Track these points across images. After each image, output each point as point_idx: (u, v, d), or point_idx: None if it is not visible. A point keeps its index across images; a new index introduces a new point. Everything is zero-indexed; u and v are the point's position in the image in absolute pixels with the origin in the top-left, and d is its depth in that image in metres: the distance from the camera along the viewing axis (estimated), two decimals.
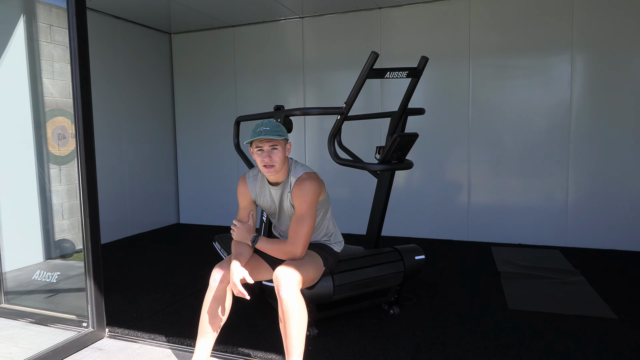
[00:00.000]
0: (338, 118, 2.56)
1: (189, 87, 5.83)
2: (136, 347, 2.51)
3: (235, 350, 2.39)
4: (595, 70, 4.27)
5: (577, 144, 4.37)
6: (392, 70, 2.51)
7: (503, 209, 4.66)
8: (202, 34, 5.68)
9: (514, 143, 4.56)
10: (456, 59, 4.66)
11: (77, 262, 2.87)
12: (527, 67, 4.46)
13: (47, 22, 3.92)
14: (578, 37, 4.28)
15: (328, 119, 5.11)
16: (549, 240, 4.52)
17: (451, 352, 2.33)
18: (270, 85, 5.43)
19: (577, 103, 4.34)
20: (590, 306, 2.90)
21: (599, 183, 4.33)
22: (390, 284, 2.77)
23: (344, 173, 5.03)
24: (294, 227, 2.13)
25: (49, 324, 2.77)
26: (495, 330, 2.59)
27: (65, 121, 3.70)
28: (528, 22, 4.41)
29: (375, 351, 2.36)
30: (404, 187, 4.97)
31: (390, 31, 4.86)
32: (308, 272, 2.11)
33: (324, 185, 2.25)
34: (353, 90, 2.45)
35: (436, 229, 4.90)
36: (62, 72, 3.93)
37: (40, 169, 3.53)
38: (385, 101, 4.92)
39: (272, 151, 2.10)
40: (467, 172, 4.74)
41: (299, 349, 1.98)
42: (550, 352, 2.32)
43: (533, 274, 3.56)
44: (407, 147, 2.53)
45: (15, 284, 3.15)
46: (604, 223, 4.35)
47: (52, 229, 3.67)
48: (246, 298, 2.02)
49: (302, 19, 5.19)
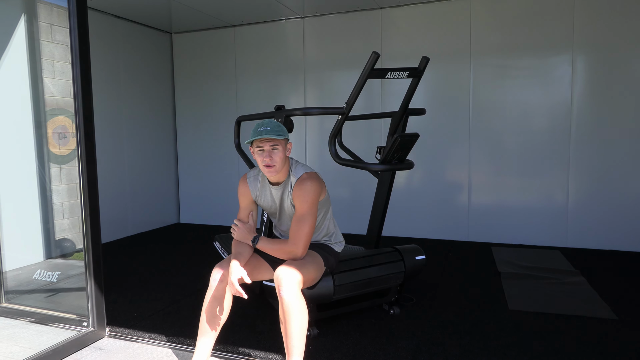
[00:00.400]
0: (339, 118, 2.56)
1: (190, 87, 5.83)
2: (136, 347, 2.51)
3: (236, 350, 2.39)
4: (596, 70, 4.27)
5: (577, 144, 4.36)
6: (393, 71, 2.51)
7: (503, 210, 4.65)
8: (203, 34, 5.69)
9: (514, 143, 4.56)
10: (457, 59, 4.66)
11: (78, 262, 2.87)
12: (527, 67, 4.46)
13: (48, 21, 3.92)
14: (579, 38, 4.28)
15: (329, 119, 5.11)
16: (550, 241, 4.52)
17: (451, 353, 2.33)
18: (271, 85, 5.43)
19: (578, 103, 4.34)
20: (590, 307, 2.90)
21: (600, 183, 4.33)
22: (391, 284, 2.77)
23: (345, 173, 5.03)
24: (294, 227, 2.12)
25: (50, 324, 2.77)
26: (496, 330, 2.59)
27: (66, 121, 3.70)
28: (529, 23, 4.41)
29: (375, 351, 2.36)
30: (405, 187, 4.97)
31: (391, 31, 4.86)
32: (309, 272, 2.11)
33: (325, 185, 2.25)
34: (354, 90, 2.45)
35: (436, 229, 4.90)
36: (63, 72, 3.93)
37: (41, 168, 3.53)
38: (386, 101, 4.92)
39: (273, 151, 2.10)
40: (467, 172, 4.74)
41: (300, 348, 1.98)
42: (551, 352, 2.32)
43: (533, 274, 3.55)
44: (408, 147, 2.53)
45: (16, 283, 3.15)
46: (604, 223, 4.35)
47: (52, 229, 3.67)
48: (243, 297, 2.03)
49: (303, 19, 5.19)
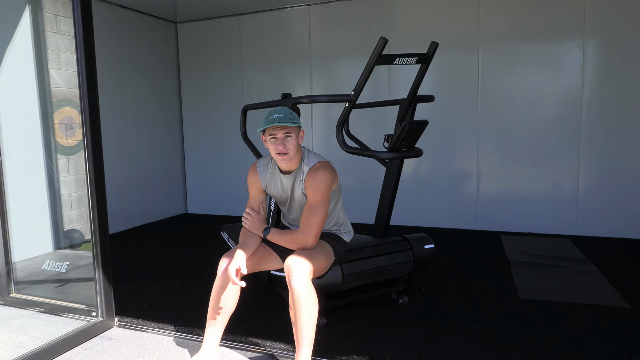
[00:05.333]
0: (346, 106, 2.52)
1: (195, 76, 5.80)
2: (145, 337, 2.52)
3: (245, 339, 2.39)
4: (607, 56, 4.18)
5: (588, 131, 4.30)
6: (402, 56, 2.46)
7: (513, 198, 4.61)
8: (208, 23, 5.64)
9: (523, 130, 4.50)
10: (465, 45, 4.58)
11: (86, 252, 2.88)
12: (537, 53, 4.37)
13: (52, 12, 3.90)
14: (590, 22, 4.19)
15: (335, 108, 5.07)
16: (560, 229, 4.47)
17: (461, 342, 2.31)
18: (277, 73, 5.38)
19: (589, 90, 4.26)
20: (602, 295, 2.87)
21: (610, 171, 4.27)
22: (400, 273, 2.75)
23: (352, 162, 4.99)
24: (306, 216, 2.11)
25: (59, 314, 2.79)
26: (506, 319, 2.57)
27: (72, 112, 3.69)
28: (538, 7, 4.32)
29: (384, 340, 2.35)
30: (413, 175, 4.93)
31: (398, 18, 4.78)
32: (319, 262, 2.10)
33: (337, 174, 2.23)
34: (361, 77, 2.41)
35: (445, 218, 4.86)
36: (69, 63, 3.91)
37: (49, 159, 3.53)
38: (393, 90, 4.86)
39: (286, 139, 2.08)
40: (476, 160, 4.69)
41: (309, 338, 1.97)
42: (562, 341, 2.30)
43: (543, 262, 3.52)
44: (416, 134, 2.49)
45: (25, 273, 3.17)
46: (615, 211, 4.29)
47: (61, 219, 3.69)
48: (241, 286, 2.04)
49: (308, 7, 5.12)
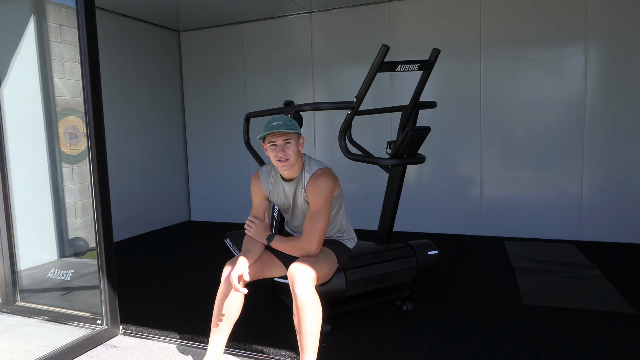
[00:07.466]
0: (349, 113, 2.53)
1: (198, 85, 5.83)
2: (150, 344, 2.52)
3: (249, 346, 2.39)
4: (610, 60, 4.18)
5: (591, 136, 4.29)
6: (404, 63, 2.48)
7: (516, 203, 4.60)
8: (211, 31, 5.68)
9: (526, 136, 4.50)
10: (467, 51, 4.60)
11: (91, 260, 2.89)
12: (539, 58, 4.38)
13: (57, 22, 3.93)
14: (592, 27, 4.19)
15: (338, 115, 5.08)
16: (564, 234, 4.46)
17: (465, 349, 2.31)
18: (280, 81, 5.41)
19: (592, 94, 4.26)
20: (607, 301, 2.85)
21: (614, 175, 4.26)
22: (403, 280, 2.74)
23: (355, 168, 5.00)
24: (308, 223, 2.11)
25: (64, 322, 2.80)
26: (511, 326, 2.55)
27: (76, 120, 3.71)
28: (540, 12, 4.33)
29: (388, 347, 2.34)
30: (416, 182, 4.93)
31: (400, 25, 4.81)
32: (322, 269, 2.10)
33: (339, 180, 2.23)
34: (364, 84, 2.42)
35: (448, 224, 4.85)
36: (73, 72, 3.94)
37: (53, 168, 3.55)
38: (395, 96, 4.87)
39: (286, 145, 2.09)
40: (479, 165, 4.69)
41: (314, 346, 1.97)
42: (568, 348, 2.29)
43: (548, 268, 3.51)
44: (419, 141, 2.50)
45: (31, 282, 3.18)
46: (620, 216, 4.27)
47: (65, 228, 3.70)
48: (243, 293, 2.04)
49: (310, 14, 5.15)
